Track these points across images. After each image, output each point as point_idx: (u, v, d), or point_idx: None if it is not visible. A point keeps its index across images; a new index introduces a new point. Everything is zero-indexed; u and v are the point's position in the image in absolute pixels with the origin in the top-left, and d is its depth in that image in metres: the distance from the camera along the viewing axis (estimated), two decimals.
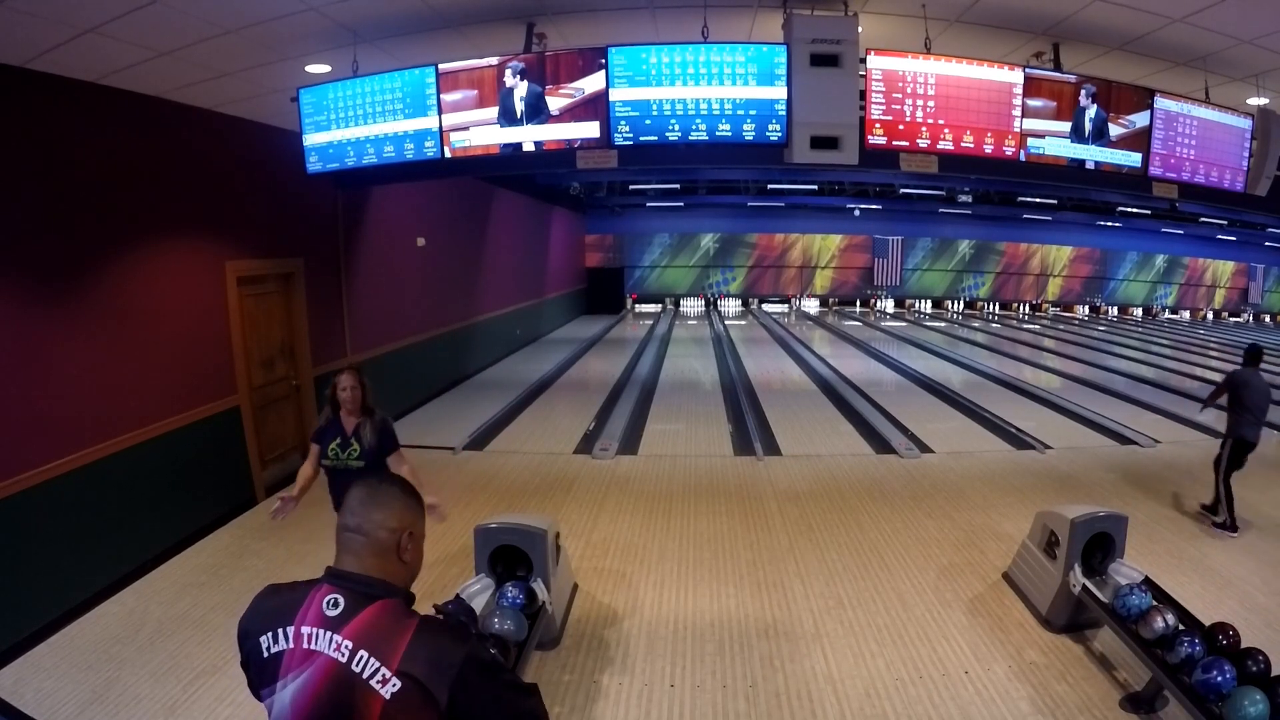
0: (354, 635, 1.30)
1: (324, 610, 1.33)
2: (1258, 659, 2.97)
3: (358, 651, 1.29)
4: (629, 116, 4.50)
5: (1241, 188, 5.39)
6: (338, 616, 1.32)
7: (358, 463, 3.61)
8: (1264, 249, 25.37)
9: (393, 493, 1.46)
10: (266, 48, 4.45)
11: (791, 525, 5.45)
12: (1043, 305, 25.40)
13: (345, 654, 1.29)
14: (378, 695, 1.26)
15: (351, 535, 1.41)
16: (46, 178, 4.16)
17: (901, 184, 18.70)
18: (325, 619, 1.32)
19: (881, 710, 3.30)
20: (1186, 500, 5.94)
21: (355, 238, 7.67)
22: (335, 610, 1.32)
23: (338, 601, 1.33)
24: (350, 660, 1.28)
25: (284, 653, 1.32)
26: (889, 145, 4.62)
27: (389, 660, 1.28)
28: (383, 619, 1.33)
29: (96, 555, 4.37)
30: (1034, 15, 4.43)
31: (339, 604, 1.33)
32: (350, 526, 1.42)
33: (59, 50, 3.84)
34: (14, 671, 3.58)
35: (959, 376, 11.84)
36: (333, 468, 3.68)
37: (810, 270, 24.58)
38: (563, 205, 18.87)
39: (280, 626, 1.34)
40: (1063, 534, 3.91)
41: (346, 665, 1.28)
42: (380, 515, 1.41)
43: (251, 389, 5.97)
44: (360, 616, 1.32)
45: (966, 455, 7.29)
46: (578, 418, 8.78)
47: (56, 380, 4.17)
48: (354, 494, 1.46)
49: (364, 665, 1.28)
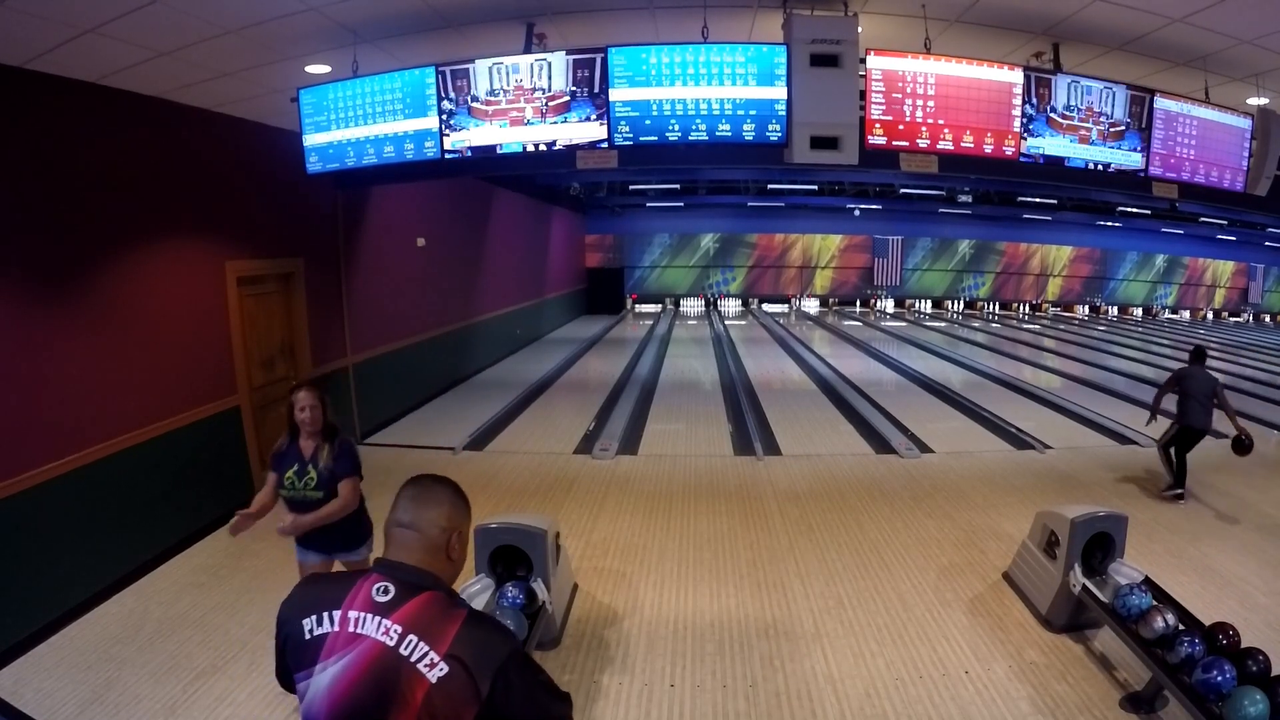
0: (404, 620, 1.34)
1: (373, 596, 1.37)
2: (1258, 659, 2.97)
3: (407, 635, 1.32)
4: (629, 117, 4.50)
5: (1241, 188, 5.39)
6: (388, 602, 1.36)
7: (315, 493, 3.23)
8: (1264, 249, 25.37)
9: (445, 493, 1.52)
10: (266, 48, 4.45)
11: (791, 525, 5.45)
12: (1043, 305, 25.40)
13: (394, 638, 1.32)
14: (424, 679, 1.29)
15: (404, 531, 1.46)
16: (46, 178, 4.16)
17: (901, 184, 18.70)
18: (375, 604, 1.36)
19: (881, 710, 3.30)
20: (1186, 500, 5.94)
21: (355, 238, 7.67)
22: (385, 597, 1.37)
23: (388, 589, 1.38)
24: (399, 644, 1.32)
25: (327, 635, 1.36)
26: (889, 145, 4.63)
27: (438, 645, 1.32)
28: (432, 608, 1.37)
29: (96, 555, 4.36)
30: (1034, 15, 4.43)
31: (389, 591, 1.37)
32: (403, 523, 1.47)
33: (59, 50, 3.84)
34: (14, 671, 3.58)
35: (959, 376, 11.85)
36: (290, 499, 3.27)
37: (810, 270, 24.58)
38: (563, 205, 18.87)
39: (326, 610, 1.37)
40: (1063, 534, 3.91)
41: (394, 649, 1.32)
42: (433, 514, 1.47)
43: (251, 389, 5.97)
44: (410, 604, 1.36)
45: (966, 455, 7.29)
46: (578, 418, 8.78)
47: (56, 380, 4.18)
48: (406, 492, 1.51)
49: (412, 649, 1.31)
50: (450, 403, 9.70)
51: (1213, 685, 2.85)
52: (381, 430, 8.06)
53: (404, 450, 7.48)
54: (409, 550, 1.44)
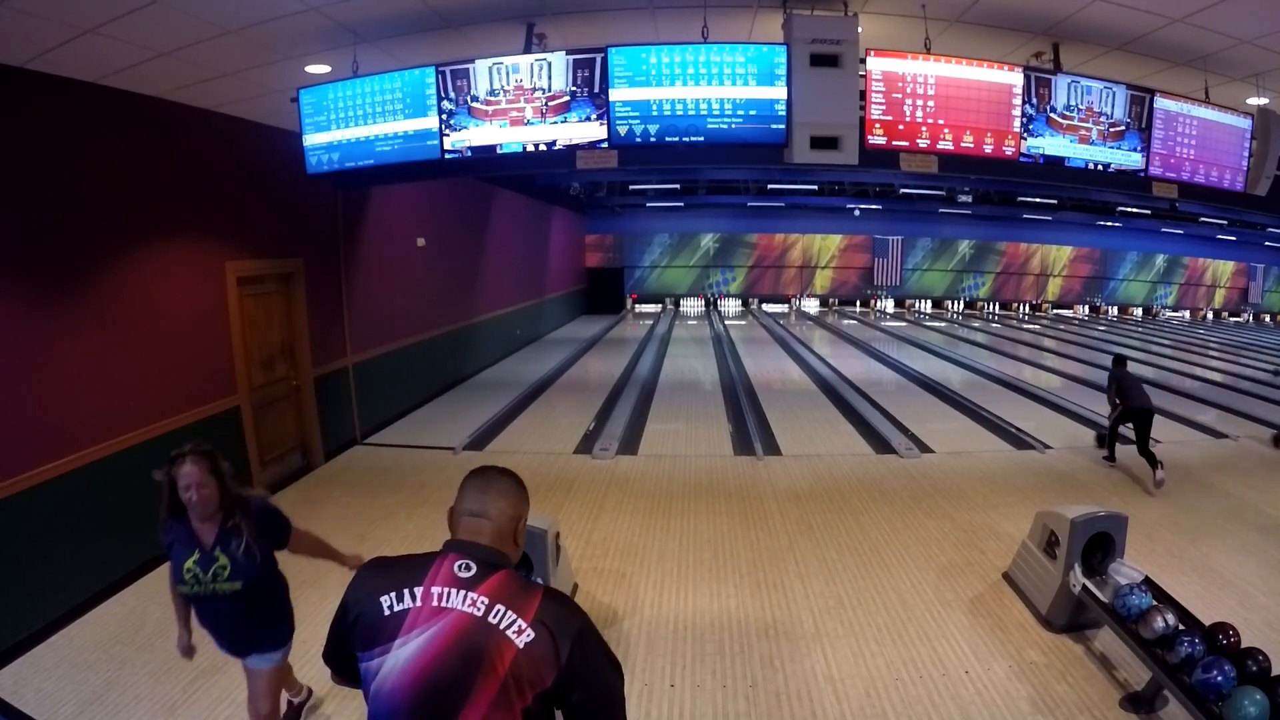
0: (489, 593, 1.43)
1: (456, 572, 1.45)
2: (1258, 659, 2.97)
3: (494, 606, 1.41)
4: (629, 117, 4.50)
5: (1241, 187, 5.40)
6: (471, 578, 1.45)
7: (230, 584, 2.50)
8: (1264, 249, 25.38)
9: (510, 485, 1.62)
10: (266, 48, 4.45)
11: (791, 525, 5.45)
12: (1043, 305, 25.40)
13: (481, 608, 1.41)
14: (512, 644, 1.38)
15: (476, 519, 1.56)
16: (46, 178, 4.16)
17: (901, 184, 18.70)
18: (458, 580, 1.44)
19: (881, 710, 3.30)
20: (1187, 500, 5.94)
21: (355, 238, 7.67)
22: (468, 573, 1.46)
23: (469, 565, 1.47)
24: (486, 613, 1.41)
25: (409, 610, 1.42)
26: (889, 145, 4.63)
27: (524, 614, 1.41)
28: (512, 583, 1.47)
29: (96, 555, 4.37)
30: (1034, 15, 4.43)
31: (471, 568, 1.46)
32: (474, 512, 1.56)
33: (59, 50, 3.84)
34: (14, 671, 3.58)
35: (959, 376, 11.85)
36: (195, 597, 2.53)
37: (810, 270, 24.58)
38: (563, 205, 18.87)
39: (407, 587, 1.44)
40: (1063, 534, 3.92)
41: (482, 618, 1.40)
42: (502, 504, 1.57)
43: (251, 389, 5.97)
44: (492, 579, 1.45)
45: (966, 455, 7.29)
46: (578, 418, 8.78)
47: (57, 380, 4.18)
48: (472, 484, 1.60)
49: (501, 617, 1.40)
50: (450, 403, 9.70)
51: (1213, 685, 2.85)
52: (381, 430, 8.07)
53: (404, 450, 7.49)
54: (481, 534, 1.54)
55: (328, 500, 6.00)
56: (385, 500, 5.92)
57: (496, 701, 1.36)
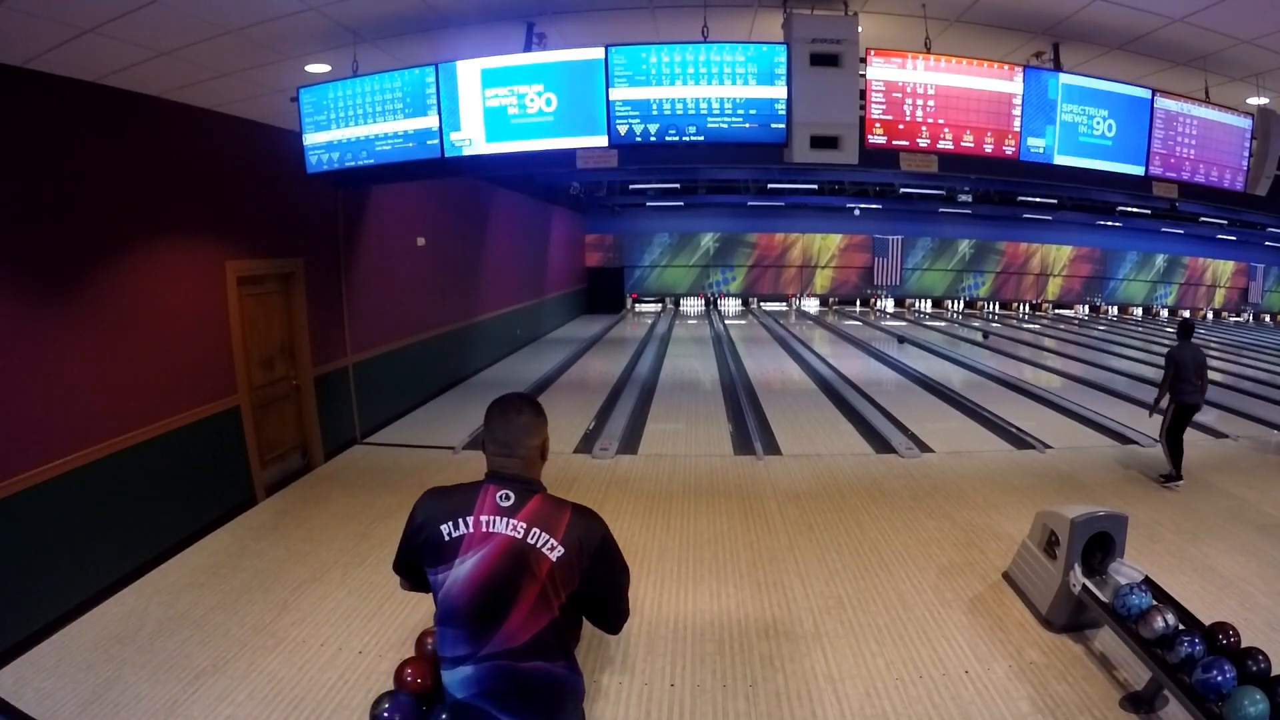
0: (527, 518, 1.75)
1: (498, 502, 1.76)
2: (1258, 659, 2.97)
3: (531, 529, 1.74)
4: (629, 116, 4.49)
5: (1241, 187, 5.39)
6: (511, 506, 1.76)
7: None
8: (1264, 249, 25.36)
9: (528, 420, 1.84)
10: (266, 48, 4.45)
11: (791, 525, 5.45)
12: (1043, 305, 25.40)
13: (521, 532, 1.74)
14: (547, 558, 1.73)
15: (504, 457, 1.82)
16: (46, 177, 4.15)
17: (901, 183, 18.70)
18: (500, 509, 1.76)
19: (881, 710, 3.30)
20: (1187, 500, 5.94)
21: (355, 238, 7.67)
22: (508, 502, 1.76)
23: (509, 495, 1.77)
24: (525, 536, 1.73)
25: (464, 536, 1.75)
26: (889, 145, 4.62)
27: (556, 533, 1.74)
28: (546, 506, 1.79)
29: (96, 555, 4.36)
30: (1034, 15, 4.43)
31: (510, 497, 1.77)
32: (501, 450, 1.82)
33: (59, 50, 3.84)
34: (14, 671, 3.57)
35: (959, 376, 11.85)
36: None
37: (810, 270, 24.57)
38: (563, 205, 18.86)
39: (460, 516, 1.76)
40: (1063, 534, 3.91)
41: (523, 540, 1.73)
42: (525, 438, 1.83)
43: (251, 389, 5.97)
44: (528, 505, 1.77)
45: (966, 455, 7.28)
46: (578, 417, 8.78)
47: (56, 380, 4.17)
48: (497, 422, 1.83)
49: (537, 538, 1.73)
50: (450, 402, 9.70)
51: (1213, 685, 2.85)
52: (382, 430, 8.06)
53: (404, 450, 7.49)
54: (513, 464, 1.81)
55: (328, 500, 6.00)
56: (385, 500, 5.92)
57: (538, 601, 1.72)
